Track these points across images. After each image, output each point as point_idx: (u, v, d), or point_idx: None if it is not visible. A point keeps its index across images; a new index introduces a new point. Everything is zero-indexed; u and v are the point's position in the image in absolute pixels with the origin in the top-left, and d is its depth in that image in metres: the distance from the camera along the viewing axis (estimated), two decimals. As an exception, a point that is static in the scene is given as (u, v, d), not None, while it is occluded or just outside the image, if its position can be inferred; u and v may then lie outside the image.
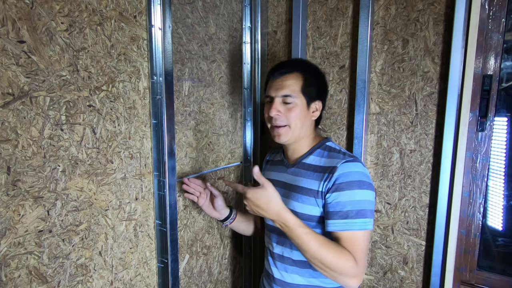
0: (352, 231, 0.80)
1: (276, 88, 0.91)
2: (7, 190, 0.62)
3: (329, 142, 0.95)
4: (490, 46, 1.03)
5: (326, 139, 0.96)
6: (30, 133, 0.64)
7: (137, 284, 0.91)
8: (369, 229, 0.81)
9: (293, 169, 0.96)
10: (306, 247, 0.77)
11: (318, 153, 0.93)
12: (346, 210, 0.81)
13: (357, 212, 0.80)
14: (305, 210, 0.88)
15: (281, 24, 1.36)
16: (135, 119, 0.86)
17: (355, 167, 0.83)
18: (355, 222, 0.80)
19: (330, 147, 0.93)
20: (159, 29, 0.86)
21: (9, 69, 0.60)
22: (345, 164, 0.84)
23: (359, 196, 0.81)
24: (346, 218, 0.80)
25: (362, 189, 0.81)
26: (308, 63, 0.98)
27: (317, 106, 0.94)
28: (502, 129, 1.07)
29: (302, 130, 0.92)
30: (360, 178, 0.82)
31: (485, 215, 1.12)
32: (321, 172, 0.87)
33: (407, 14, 1.11)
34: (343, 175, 0.82)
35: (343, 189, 0.81)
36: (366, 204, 0.81)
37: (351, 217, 0.80)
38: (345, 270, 0.77)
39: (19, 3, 0.61)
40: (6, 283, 0.63)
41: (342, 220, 0.81)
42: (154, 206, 0.93)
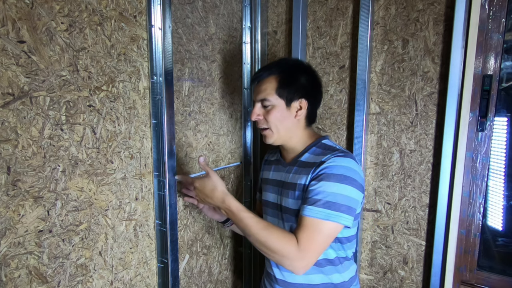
0: (312, 217, 0.79)
1: (256, 93, 0.94)
2: (7, 190, 0.62)
3: (325, 140, 0.95)
4: (490, 46, 1.03)
5: (323, 137, 0.96)
6: (30, 133, 0.64)
7: (137, 284, 0.91)
8: (336, 222, 0.79)
9: (290, 167, 0.96)
10: (248, 231, 0.81)
11: (313, 151, 0.93)
12: (316, 198, 0.80)
13: (326, 202, 0.79)
14: (297, 205, 0.88)
15: (281, 24, 1.36)
16: (135, 119, 0.86)
17: (343, 162, 0.83)
18: (319, 211, 0.79)
19: (325, 145, 0.93)
20: (159, 29, 0.86)
21: (9, 69, 0.60)
22: (333, 158, 0.84)
23: (334, 189, 0.80)
24: (312, 204, 0.80)
25: (341, 183, 0.80)
26: (285, 63, 0.95)
27: (300, 104, 0.91)
28: (502, 129, 1.07)
29: (285, 131, 0.92)
30: (343, 172, 0.81)
31: (485, 215, 1.12)
32: (310, 167, 0.87)
33: (407, 14, 1.11)
34: (328, 168, 0.82)
35: (321, 180, 0.81)
36: (340, 198, 0.80)
37: (317, 205, 0.79)
38: (286, 253, 0.78)
39: (19, 3, 0.61)
40: (6, 283, 0.63)
41: (308, 205, 0.81)
42: (154, 206, 0.93)
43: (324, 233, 0.80)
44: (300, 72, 0.93)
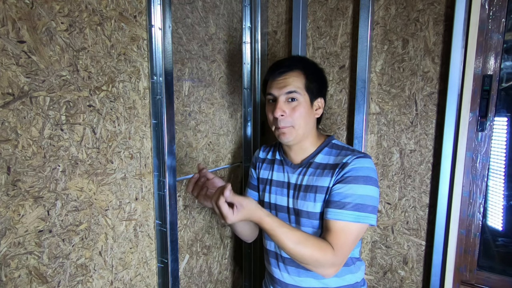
0: (343, 221, 0.80)
1: (279, 87, 0.87)
2: (7, 190, 0.62)
3: (334, 140, 0.95)
4: (490, 46, 1.03)
5: (330, 137, 0.96)
6: (30, 133, 0.64)
7: (137, 284, 0.91)
8: (366, 223, 0.81)
9: (301, 169, 0.93)
10: (283, 246, 0.79)
11: (326, 152, 0.92)
12: (344, 201, 0.81)
13: (355, 205, 0.81)
14: (314, 207, 0.88)
15: (281, 24, 1.36)
16: (135, 119, 0.86)
17: (366, 163, 0.84)
18: (349, 214, 0.80)
19: (336, 144, 0.93)
20: (159, 29, 0.86)
21: (9, 69, 0.60)
22: (357, 159, 0.84)
23: (362, 191, 0.81)
24: (342, 208, 0.81)
25: (367, 185, 0.82)
26: (307, 60, 0.96)
27: (319, 103, 0.93)
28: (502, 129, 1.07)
29: (306, 129, 0.90)
30: (368, 173, 0.83)
31: (485, 215, 1.12)
32: (332, 169, 0.87)
33: (407, 14, 1.11)
34: (353, 170, 0.83)
35: (349, 182, 0.82)
36: (368, 199, 0.81)
37: (347, 208, 0.81)
38: (323, 263, 0.79)
39: (19, 3, 0.61)
40: (6, 283, 0.63)
41: (337, 209, 0.81)
42: (154, 206, 0.93)
43: (354, 235, 0.82)
44: (320, 71, 0.96)
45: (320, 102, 0.93)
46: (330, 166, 0.88)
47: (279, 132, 0.90)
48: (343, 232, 0.81)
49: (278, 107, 0.86)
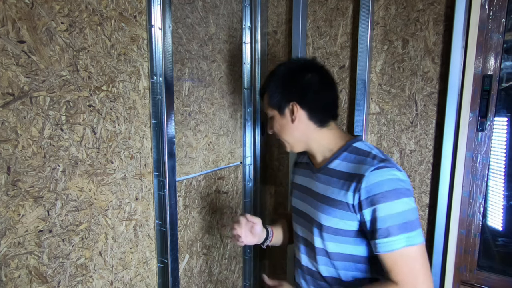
0: (396, 250, 0.70)
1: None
2: (7, 190, 0.62)
3: (357, 142, 0.84)
4: (490, 46, 1.03)
5: (354, 139, 0.86)
6: (30, 133, 0.64)
7: (137, 284, 0.91)
8: (417, 244, 0.71)
9: (318, 175, 0.87)
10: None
11: (344, 157, 0.83)
12: (387, 226, 0.71)
13: (399, 226, 0.70)
14: (332, 223, 0.80)
15: (281, 24, 1.36)
16: (135, 119, 0.86)
17: (387, 174, 0.73)
18: (398, 240, 0.70)
19: (358, 149, 0.82)
20: (159, 29, 0.86)
21: (9, 69, 0.60)
22: (374, 172, 0.74)
23: (398, 207, 0.71)
24: (387, 236, 0.71)
25: (400, 199, 0.72)
26: (272, 74, 0.90)
27: (292, 108, 0.85)
28: (502, 129, 1.07)
29: (294, 138, 0.88)
30: (395, 186, 0.72)
31: (485, 215, 1.12)
32: (347, 180, 0.78)
33: (407, 14, 1.11)
34: (375, 186, 0.73)
35: (378, 202, 0.72)
36: (407, 215, 0.71)
37: (392, 235, 0.70)
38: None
39: (19, 3, 0.61)
40: (6, 283, 0.63)
41: (384, 239, 0.71)
42: (154, 206, 0.93)
43: (419, 258, 0.71)
44: (283, 77, 0.87)
45: (291, 107, 0.85)
46: (346, 176, 0.79)
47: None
48: (403, 262, 0.71)
49: (268, 127, 0.93)
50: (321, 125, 0.87)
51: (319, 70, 0.88)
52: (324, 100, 0.87)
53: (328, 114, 0.88)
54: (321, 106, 0.87)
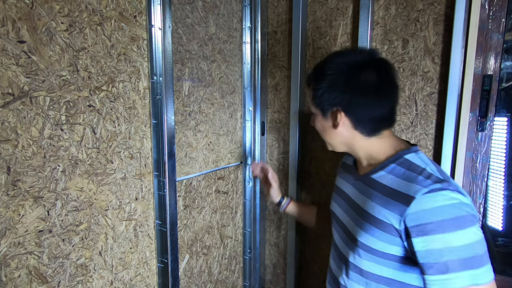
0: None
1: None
2: (7, 190, 0.62)
3: (410, 154, 0.73)
4: (490, 46, 1.03)
5: (407, 149, 0.74)
6: (30, 133, 0.64)
7: (137, 284, 0.91)
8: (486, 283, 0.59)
9: (359, 183, 0.79)
10: None
11: (391, 170, 0.72)
12: (444, 261, 0.60)
13: (461, 262, 0.59)
14: (369, 241, 0.71)
15: (281, 24, 1.36)
16: (135, 119, 0.86)
17: (444, 199, 0.61)
18: (459, 277, 0.59)
19: (410, 162, 0.71)
20: (159, 29, 0.86)
21: (9, 69, 0.60)
22: (427, 196, 0.62)
23: (461, 240, 0.60)
24: (445, 272, 0.60)
25: (463, 229, 0.60)
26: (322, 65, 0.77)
27: (336, 114, 0.75)
28: (502, 129, 1.07)
29: (336, 142, 0.80)
30: (456, 213, 0.60)
31: (485, 215, 1.12)
32: (393, 198, 0.67)
33: (407, 14, 1.11)
34: (428, 213, 0.62)
35: (432, 232, 0.61)
36: (473, 248, 0.60)
37: (453, 270, 0.59)
38: None
39: (19, 3, 0.61)
40: (6, 283, 0.63)
41: (441, 276, 0.60)
42: (154, 206, 0.93)
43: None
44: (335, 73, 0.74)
45: (334, 113, 0.75)
46: (391, 193, 0.68)
47: None
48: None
49: (311, 119, 0.86)
50: (369, 135, 0.76)
51: (381, 70, 0.73)
52: (377, 112, 0.74)
53: (380, 125, 0.76)
54: (372, 118, 0.74)
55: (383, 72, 0.73)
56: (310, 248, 1.40)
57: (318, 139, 1.32)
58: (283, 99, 1.38)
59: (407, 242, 0.65)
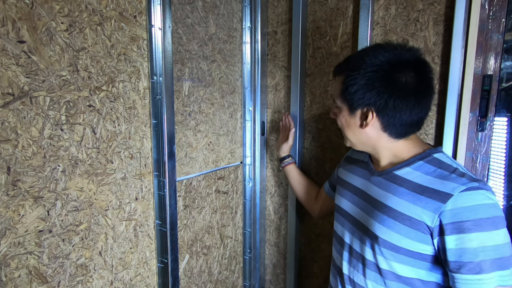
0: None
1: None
2: (7, 190, 0.62)
3: (438, 153, 0.72)
4: (490, 46, 1.03)
5: (434, 148, 0.74)
6: (30, 133, 0.64)
7: (137, 284, 0.91)
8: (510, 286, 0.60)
9: (379, 178, 0.77)
10: None
11: (419, 167, 0.71)
12: (479, 261, 0.60)
13: (492, 262, 0.59)
14: (393, 238, 0.69)
15: (281, 24, 1.36)
16: (135, 119, 0.86)
17: (482, 198, 0.61)
18: (491, 278, 0.59)
19: (440, 161, 0.70)
20: (159, 29, 0.86)
21: (9, 69, 0.60)
22: (465, 193, 0.62)
23: (495, 240, 0.60)
24: (479, 272, 0.60)
25: (498, 229, 0.60)
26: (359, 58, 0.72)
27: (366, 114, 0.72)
28: (502, 129, 1.07)
29: (358, 140, 0.77)
30: (493, 213, 0.61)
31: (485, 215, 1.12)
32: (424, 195, 0.66)
33: (407, 14, 1.11)
34: (467, 210, 0.61)
35: (469, 230, 0.60)
36: (504, 249, 0.60)
37: (486, 271, 0.59)
38: None
39: (19, 3, 0.61)
40: (6, 283, 0.63)
41: (474, 276, 0.60)
42: (154, 206, 0.93)
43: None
44: (374, 70, 0.69)
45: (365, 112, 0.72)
46: (422, 190, 0.67)
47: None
48: None
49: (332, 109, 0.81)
50: (397, 138, 0.74)
51: (423, 73, 0.70)
52: (412, 117, 0.71)
53: (411, 129, 0.73)
54: (405, 122, 0.71)
55: (424, 75, 0.70)
56: (310, 248, 1.40)
57: (318, 139, 1.32)
58: (283, 99, 1.38)
59: (439, 239, 0.64)
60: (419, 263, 0.69)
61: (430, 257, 0.68)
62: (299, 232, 1.40)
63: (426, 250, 0.67)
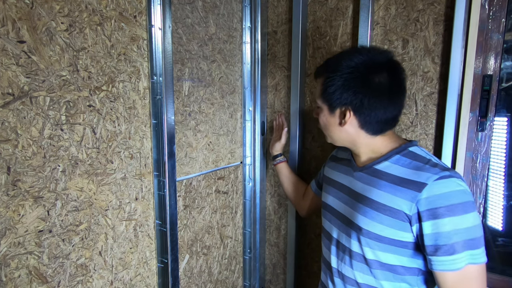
0: (460, 269, 0.65)
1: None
2: (7, 190, 0.62)
3: (414, 147, 0.77)
4: (490, 46, 1.03)
5: (409, 142, 0.79)
6: (30, 133, 0.64)
7: (137, 284, 0.91)
8: (481, 263, 0.65)
9: (361, 173, 0.81)
10: None
11: (397, 160, 0.76)
12: (452, 243, 0.65)
13: (465, 243, 0.65)
14: (376, 228, 0.74)
15: (281, 24, 1.36)
16: (135, 119, 0.86)
17: (454, 185, 0.67)
18: (463, 257, 0.65)
19: (415, 154, 0.75)
20: (159, 29, 0.86)
21: (9, 69, 0.60)
22: (439, 182, 0.67)
23: (466, 223, 0.65)
24: (453, 253, 0.65)
25: (468, 213, 0.66)
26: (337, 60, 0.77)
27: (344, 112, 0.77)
28: (502, 129, 1.07)
29: (338, 138, 0.82)
30: (463, 198, 0.66)
31: (485, 215, 1.12)
32: (402, 185, 0.71)
33: (407, 14, 1.11)
34: (440, 197, 0.66)
35: (443, 216, 0.65)
36: (474, 231, 0.65)
37: (458, 251, 0.65)
38: None
39: (19, 3, 0.61)
40: (6, 283, 0.63)
41: (449, 257, 0.65)
42: (154, 206, 0.93)
43: (480, 278, 0.66)
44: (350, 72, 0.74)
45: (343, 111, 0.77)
46: (400, 181, 0.72)
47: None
48: (463, 282, 0.66)
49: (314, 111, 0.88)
50: (374, 134, 0.79)
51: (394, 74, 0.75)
52: (386, 115, 0.76)
53: (386, 126, 0.79)
54: (380, 120, 0.76)
55: (396, 76, 0.76)
56: (310, 248, 1.40)
57: (318, 139, 1.32)
58: (283, 99, 1.38)
59: (417, 226, 0.69)
60: (402, 250, 0.73)
61: (411, 244, 0.72)
62: (299, 232, 1.40)
63: (406, 238, 0.72)
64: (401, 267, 0.74)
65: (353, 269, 0.80)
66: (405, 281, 0.75)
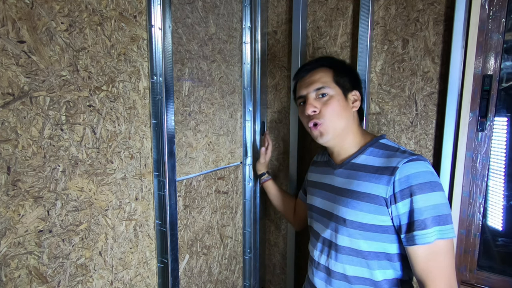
0: (430, 244, 0.70)
1: (307, 85, 0.87)
2: (7, 190, 0.62)
3: (383, 139, 0.85)
4: (490, 46, 1.03)
5: (379, 136, 0.87)
6: (30, 133, 0.64)
7: (137, 284, 0.91)
8: (450, 238, 0.70)
9: (340, 170, 0.87)
10: None
11: (370, 152, 0.83)
12: (423, 218, 0.70)
13: (434, 219, 0.70)
14: (357, 217, 0.78)
15: (281, 24, 1.36)
16: (135, 119, 0.86)
17: (421, 166, 0.73)
18: (432, 232, 0.69)
19: (385, 144, 0.83)
20: (159, 29, 0.86)
21: (9, 69, 0.60)
22: (408, 164, 0.73)
23: (433, 200, 0.70)
24: (424, 228, 0.70)
25: (435, 191, 0.71)
26: (334, 58, 0.95)
27: (355, 96, 0.88)
28: (502, 129, 1.07)
29: (344, 125, 0.85)
30: (430, 178, 0.72)
31: (485, 215, 1.12)
32: (377, 173, 0.78)
33: (407, 14, 1.11)
34: (410, 177, 0.72)
35: (414, 193, 0.71)
36: (442, 208, 0.71)
37: (428, 226, 0.70)
38: None
39: (19, 3, 0.61)
40: (6, 283, 0.63)
41: (421, 231, 0.70)
42: (154, 206, 0.93)
43: (449, 252, 0.71)
44: (349, 66, 0.94)
45: (355, 94, 0.88)
46: (375, 170, 0.78)
47: (315, 132, 0.87)
48: (435, 256, 0.70)
49: (309, 103, 0.86)
50: (360, 122, 0.92)
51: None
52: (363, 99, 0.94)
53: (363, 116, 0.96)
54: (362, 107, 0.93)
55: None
56: (310, 248, 1.40)
57: (318, 139, 1.32)
58: (283, 99, 1.38)
59: (394, 207, 0.74)
60: (383, 236, 0.78)
61: (391, 228, 0.77)
62: (299, 232, 1.40)
63: (385, 221, 0.77)
64: (384, 254, 0.78)
65: (340, 262, 0.83)
66: (392, 267, 0.79)
